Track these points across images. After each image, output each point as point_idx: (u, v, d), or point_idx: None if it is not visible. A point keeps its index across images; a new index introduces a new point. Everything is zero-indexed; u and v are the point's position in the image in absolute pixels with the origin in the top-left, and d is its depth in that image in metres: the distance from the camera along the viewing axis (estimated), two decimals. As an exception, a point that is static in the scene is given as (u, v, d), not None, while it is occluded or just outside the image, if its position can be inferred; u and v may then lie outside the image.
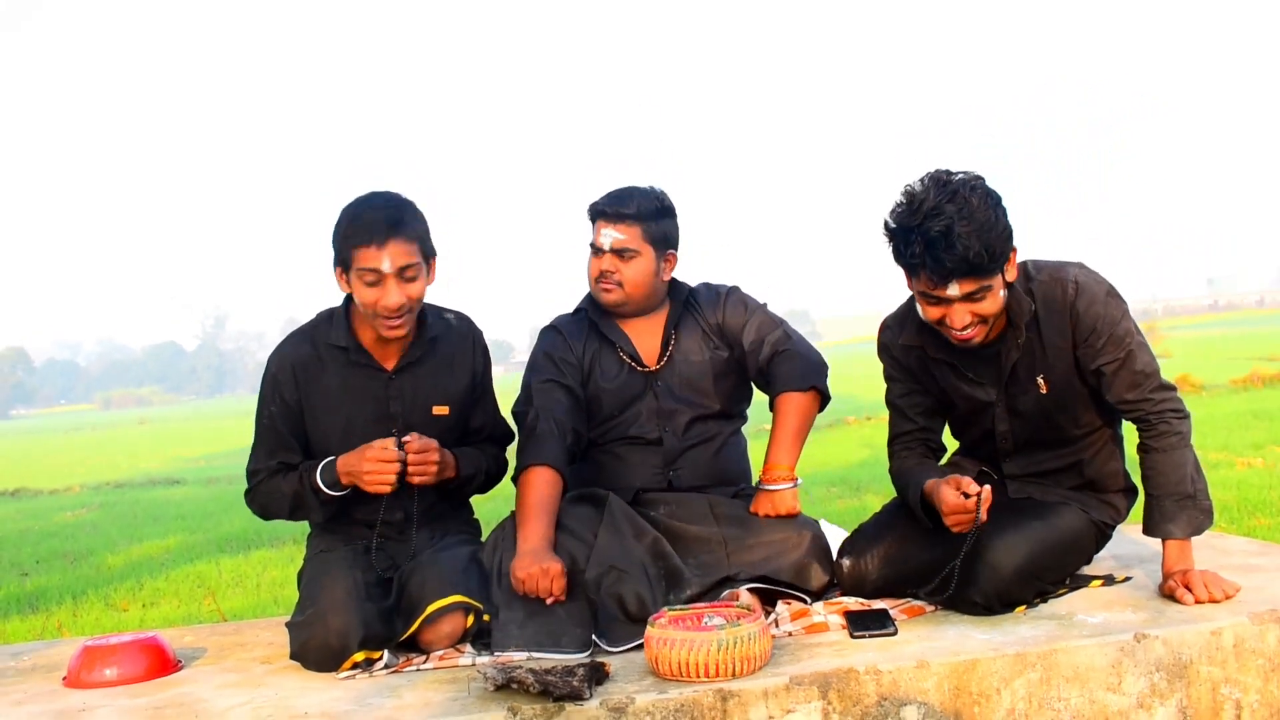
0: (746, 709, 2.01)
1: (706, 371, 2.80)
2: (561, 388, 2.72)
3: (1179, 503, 2.35)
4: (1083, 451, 2.52)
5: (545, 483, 2.56)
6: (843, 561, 2.55)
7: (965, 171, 2.27)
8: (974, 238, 2.17)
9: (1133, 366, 2.35)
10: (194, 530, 7.83)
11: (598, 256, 2.74)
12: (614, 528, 2.54)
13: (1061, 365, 2.40)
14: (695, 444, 2.79)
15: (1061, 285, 2.36)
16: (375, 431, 2.51)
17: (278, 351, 2.58)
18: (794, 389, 2.69)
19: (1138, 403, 2.36)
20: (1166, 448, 2.36)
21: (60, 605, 5.20)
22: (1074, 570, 2.52)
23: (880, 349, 2.62)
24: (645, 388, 2.78)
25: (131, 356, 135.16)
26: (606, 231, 2.70)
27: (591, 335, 2.81)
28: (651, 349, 2.81)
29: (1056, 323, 2.37)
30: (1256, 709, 2.18)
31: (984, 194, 2.23)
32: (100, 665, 2.36)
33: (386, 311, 2.41)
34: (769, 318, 2.81)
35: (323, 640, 2.29)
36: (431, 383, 2.60)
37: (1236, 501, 5.22)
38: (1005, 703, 2.09)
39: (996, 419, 2.51)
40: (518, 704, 1.98)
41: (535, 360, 2.80)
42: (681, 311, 2.82)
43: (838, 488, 7.02)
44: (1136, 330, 2.37)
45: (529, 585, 2.37)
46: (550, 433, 2.64)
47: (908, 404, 2.61)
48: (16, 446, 31.25)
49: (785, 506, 2.60)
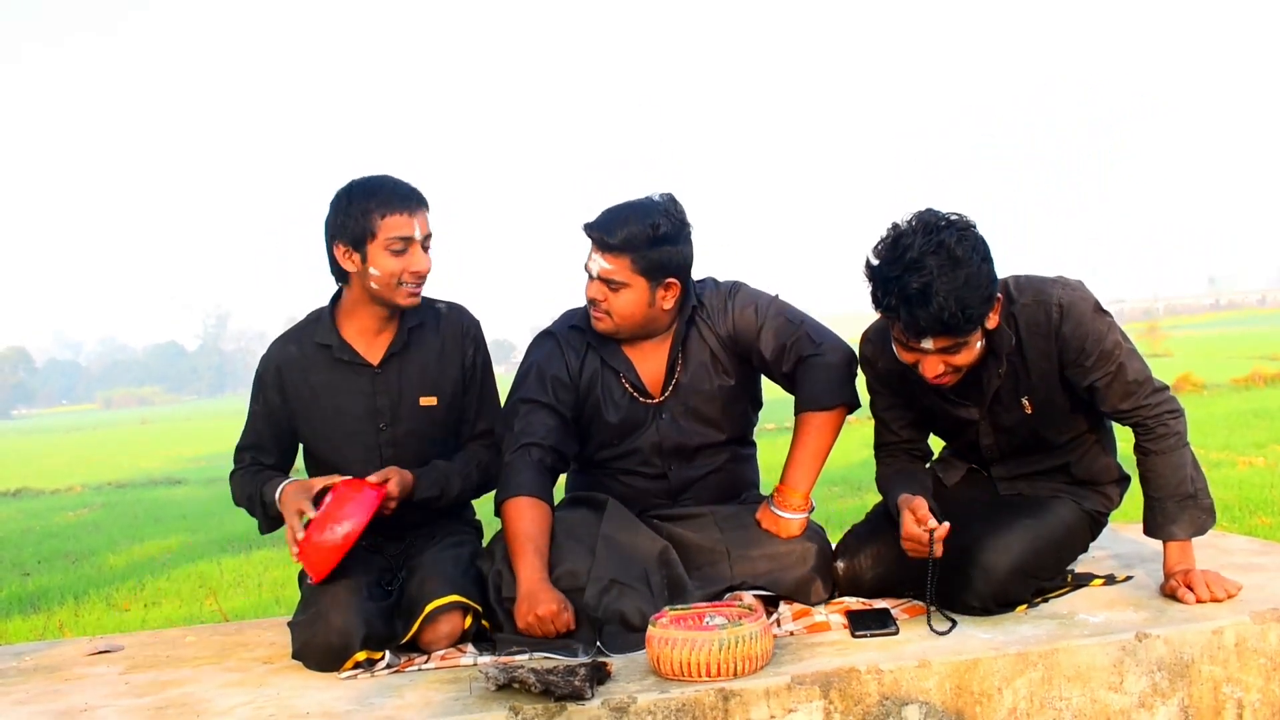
0: (748, 708, 2.01)
1: (715, 401, 2.63)
2: (545, 408, 2.56)
3: (1180, 503, 2.34)
4: (1070, 454, 2.51)
5: (527, 512, 2.44)
6: (837, 563, 2.54)
7: (957, 216, 2.20)
8: (952, 298, 2.11)
9: (1125, 378, 2.32)
10: (195, 530, 7.84)
11: (589, 280, 2.55)
12: (613, 537, 2.48)
13: (1046, 386, 2.38)
14: (703, 474, 2.68)
15: (1045, 309, 2.31)
16: (363, 426, 2.57)
17: (266, 353, 2.64)
18: (821, 407, 2.52)
19: (1133, 410, 2.34)
20: (1165, 450, 2.34)
21: (62, 605, 5.21)
22: (1070, 563, 2.52)
23: (862, 361, 2.55)
24: (648, 418, 2.63)
25: (133, 356, 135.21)
26: (595, 258, 2.50)
27: (591, 355, 2.64)
28: (655, 375, 2.62)
29: (1041, 346, 2.33)
30: (1259, 708, 2.18)
31: (972, 245, 2.16)
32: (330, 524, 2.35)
33: (414, 278, 2.47)
34: (785, 317, 2.59)
35: (324, 640, 2.29)
36: (418, 374, 2.61)
37: (1238, 500, 5.23)
38: (1007, 702, 2.09)
39: (981, 434, 2.50)
40: (519, 704, 1.98)
41: (524, 373, 2.63)
42: (687, 331, 2.61)
43: (839, 487, 7.02)
44: (1124, 339, 2.34)
45: (534, 631, 2.31)
46: (524, 461, 2.50)
47: (891, 417, 2.58)
48: (18, 446, 31.25)
49: (790, 534, 2.53)
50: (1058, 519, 2.43)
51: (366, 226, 2.44)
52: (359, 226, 2.44)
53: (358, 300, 2.54)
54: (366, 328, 2.57)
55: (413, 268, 2.46)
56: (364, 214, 2.44)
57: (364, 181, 2.50)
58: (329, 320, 2.59)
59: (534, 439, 2.54)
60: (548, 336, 2.68)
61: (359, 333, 2.57)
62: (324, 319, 2.60)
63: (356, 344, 2.57)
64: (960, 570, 2.33)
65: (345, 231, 2.46)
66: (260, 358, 2.64)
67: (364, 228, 2.44)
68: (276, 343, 2.64)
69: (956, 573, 2.33)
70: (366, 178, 2.51)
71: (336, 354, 2.56)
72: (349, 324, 2.58)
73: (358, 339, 2.58)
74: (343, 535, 2.34)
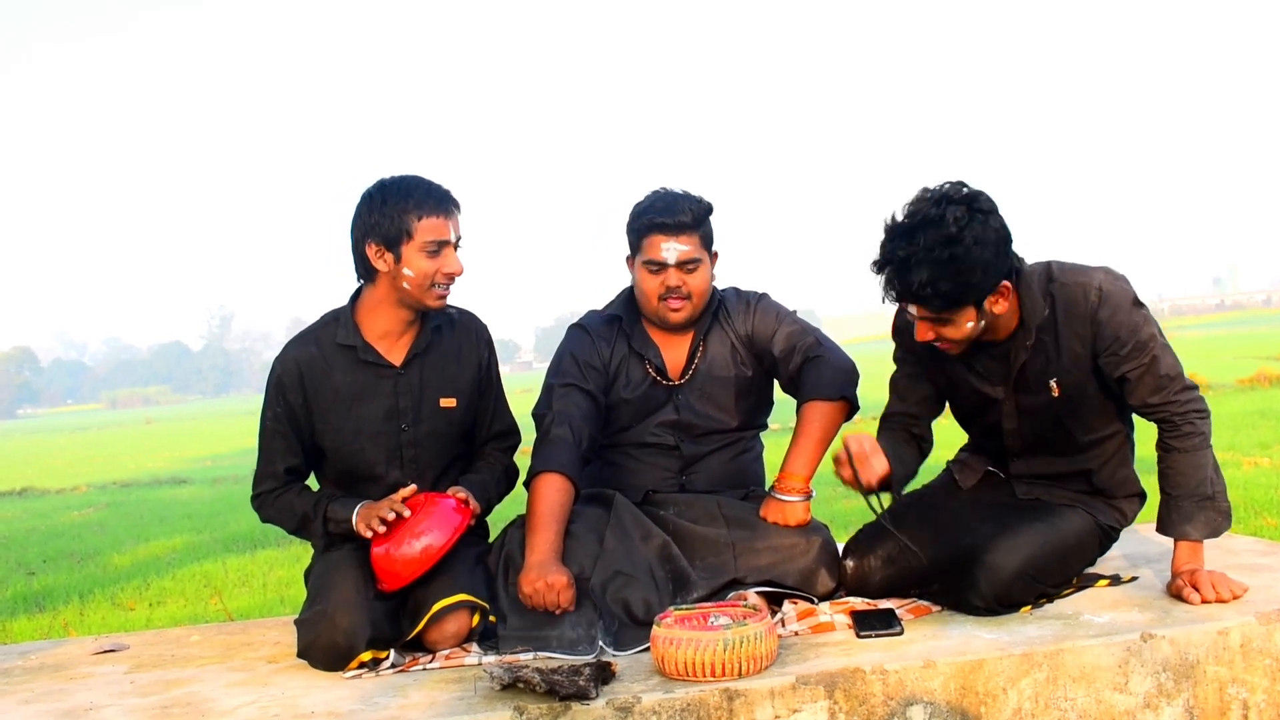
0: (752, 708, 2.01)
1: (730, 387, 2.75)
2: (582, 392, 2.69)
3: (1198, 504, 2.33)
4: (1092, 460, 2.49)
5: (556, 490, 2.53)
6: (846, 562, 2.54)
7: (981, 196, 2.21)
8: (928, 274, 2.15)
9: (1157, 371, 2.32)
10: (200, 530, 7.85)
11: (659, 272, 2.64)
12: (621, 531, 2.53)
13: (1077, 371, 2.37)
14: (712, 450, 2.78)
15: (1084, 291, 2.32)
16: (385, 428, 2.54)
17: (282, 356, 2.58)
18: (821, 397, 2.62)
19: (1162, 405, 2.33)
20: (1188, 448, 2.33)
21: (67, 604, 5.22)
22: (1076, 573, 2.50)
23: (895, 330, 2.60)
24: (666, 400, 2.75)
25: (138, 356, 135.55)
26: (669, 245, 2.61)
27: (620, 342, 2.76)
28: (678, 360, 2.76)
29: (1076, 328, 2.33)
30: (1264, 709, 2.18)
31: (978, 227, 2.16)
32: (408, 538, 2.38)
33: (447, 279, 2.49)
34: (800, 326, 2.74)
35: (330, 639, 2.29)
36: (439, 376, 2.61)
37: (1243, 501, 5.21)
38: (1012, 702, 2.09)
39: (1004, 417, 2.49)
40: (524, 703, 1.98)
41: (559, 361, 2.76)
42: (711, 322, 2.76)
43: (842, 488, 7.01)
44: (1159, 334, 2.35)
45: (535, 600, 2.36)
46: (564, 439, 2.60)
47: (908, 387, 2.61)
48: (23, 446, 31.33)
49: (795, 519, 2.56)
50: (1069, 527, 2.43)
51: (403, 227, 2.44)
52: (395, 226, 2.44)
53: (382, 300, 2.53)
54: (390, 329, 2.55)
55: (446, 269, 2.47)
56: (401, 214, 2.44)
57: (398, 181, 2.49)
58: (350, 321, 2.57)
59: (573, 418, 2.64)
60: (580, 329, 2.81)
61: (382, 334, 2.56)
62: (344, 320, 2.56)
63: (379, 345, 2.56)
64: (966, 568, 2.33)
65: (378, 231, 2.45)
66: (274, 361, 2.58)
67: (400, 228, 2.44)
68: (294, 344, 2.59)
69: (963, 570, 2.33)
70: (399, 177, 2.50)
71: (361, 355, 2.54)
72: (371, 325, 2.55)
73: (381, 340, 2.56)
74: (421, 549, 2.37)
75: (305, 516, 2.54)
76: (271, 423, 2.57)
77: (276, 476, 2.58)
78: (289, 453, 2.57)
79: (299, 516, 2.56)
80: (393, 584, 2.40)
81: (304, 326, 2.67)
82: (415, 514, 2.41)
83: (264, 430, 2.58)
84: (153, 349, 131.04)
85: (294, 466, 2.58)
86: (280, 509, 2.58)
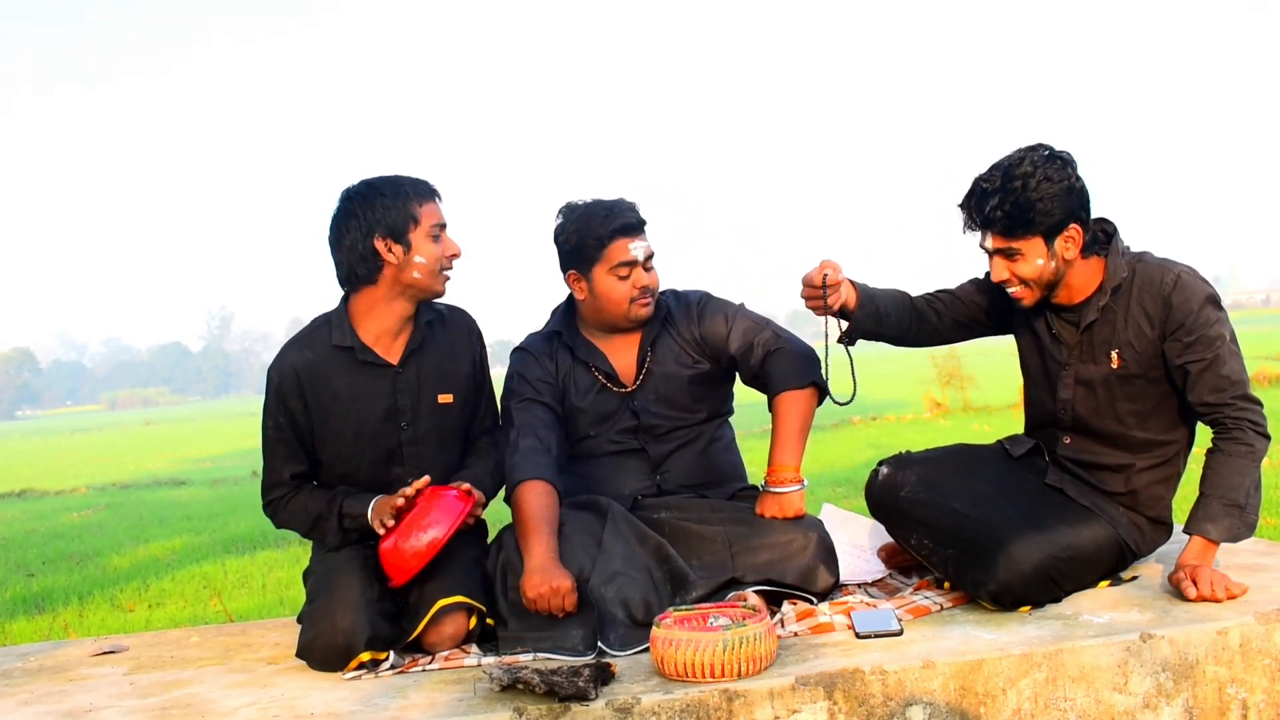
0: (752, 709, 2.01)
1: (684, 386, 2.76)
2: (539, 404, 2.70)
3: (1226, 508, 2.33)
4: (1139, 461, 2.48)
5: (540, 494, 2.52)
6: (881, 468, 2.59)
7: (1062, 151, 2.37)
8: (1001, 198, 2.31)
9: (1219, 370, 2.32)
10: (200, 531, 7.85)
11: (630, 274, 2.67)
12: (618, 534, 2.53)
13: (1140, 345, 2.40)
14: (678, 447, 2.78)
15: (1163, 273, 2.38)
16: (385, 427, 2.55)
17: (278, 363, 2.56)
18: (792, 387, 2.64)
19: (1218, 406, 2.34)
20: (1234, 454, 2.33)
21: (66, 606, 5.22)
22: (1091, 584, 2.47)
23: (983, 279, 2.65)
24: (621, 406, 2.76)
25: (137, 357, 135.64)
26: (637, 245, 2.66)
27: (563, 354, 2.78)
28: (628, 365, 2.77)
29: (1147, 305, 2.38)
30: (1263, 709, 2.18)
31: (1053, 169, 2.31)
32: (416, 531, 2.40)
33: (449, 262, 2.55)
34: (752, 320, 2.76)
35: (329, 639, 2.30)
36: (435, 372, 2.62)
37: (1243, 501, 5.20)
38: (1011, 702, 2.09)
39: (1060, 384, 2.51)
40: (524, 704, 1.98)
41: (510, 384, 2.78)
42: (659, 326, 2.77)
43: (843, 488, 7.03)
44: (1232, 339, 2.35)
45: (540, 604, 2.35)
46: (534, 448, 2.61)
47: (964, 293, 2.66)
48: (23, 447, 31.35)
49: (792, 509, 2.57)
50: (1091, 536, 2.42)
51: (409, 214, 2.49)
52: (400, 216, 2.48)
53: (381, 299, 2.53)
54: (386, 328, 2.56)
55: (450, 251, 2.55)
56: (403, 204, 2.49)
57: (383, 179, 2.53)
58: (345, 322, 2.57)
59: (537, 429, 2.66)
60: (521, 350, 2.83)
61: (379, 334, 2.56)
62: (337, 322, 2.56)
63: (376, 345, 2.56)
64: (987, 553, 2.33)
65: (384, 224, 2.47)
66: (269, 369, 2.57)
67: (406, 216, 2.48)
68: (289, 349, 2.58)
69: (982, 554, 2.34)
70: (380, 176, 2.54)
71: (359, 356, 2.54)
72: (367, 325, 2.56)
73: (377, 340, 2.56)
74: (428, 542, 2.38)
75: (320, 516, 2.55)
76: (274, 431, 2.57)
77: (284, 483, 2.59)
78: (294, 459, 2.58)
79: (313, 517, 2.56)
80: (400, 578, 2.41)
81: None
82: (420, 507, 2.42)
83: (267, 439, 2.59)
84: (152, 350, 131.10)
85: (299, 472, 2.59)
86: (293, 512, 2.59)
